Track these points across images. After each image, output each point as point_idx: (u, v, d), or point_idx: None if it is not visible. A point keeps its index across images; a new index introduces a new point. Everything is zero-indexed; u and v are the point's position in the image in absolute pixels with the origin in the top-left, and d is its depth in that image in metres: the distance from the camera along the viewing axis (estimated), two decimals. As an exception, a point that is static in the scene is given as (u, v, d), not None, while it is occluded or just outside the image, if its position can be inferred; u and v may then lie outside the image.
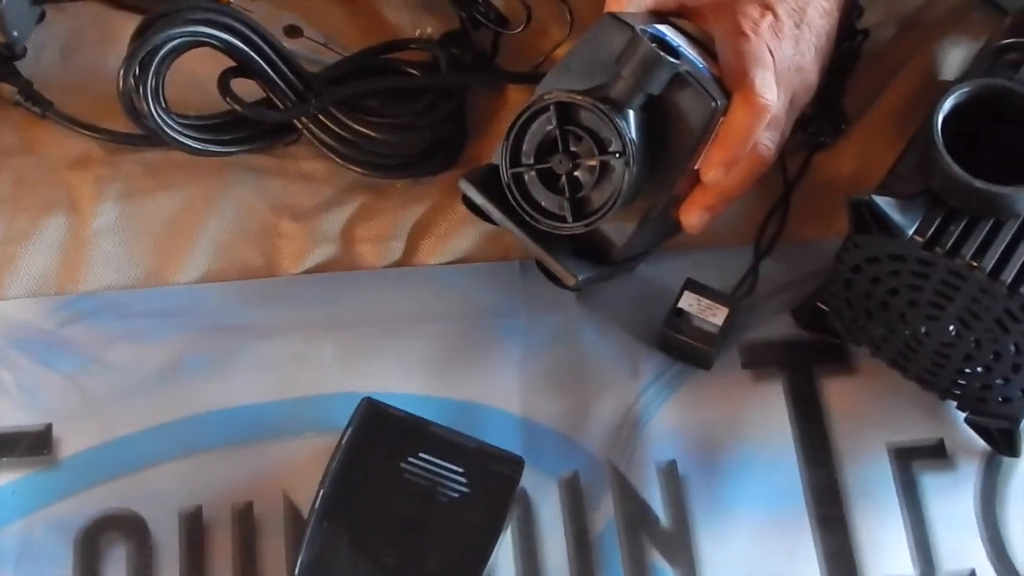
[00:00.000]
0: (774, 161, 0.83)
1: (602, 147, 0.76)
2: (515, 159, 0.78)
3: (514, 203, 0.78)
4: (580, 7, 0.92)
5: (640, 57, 0.75)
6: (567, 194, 0.77)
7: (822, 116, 0.89)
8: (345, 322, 0.85)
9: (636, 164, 0.76)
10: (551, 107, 0.76)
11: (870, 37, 0.92)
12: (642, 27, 0.77)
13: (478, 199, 0.80)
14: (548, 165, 0.77)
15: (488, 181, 0.79)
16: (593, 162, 0.76)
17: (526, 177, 0.78)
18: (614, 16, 0.79)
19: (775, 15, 0.80)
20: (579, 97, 0.75)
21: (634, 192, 0.77)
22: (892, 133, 0.88)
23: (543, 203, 0.78)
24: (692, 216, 0.82)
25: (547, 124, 0.76)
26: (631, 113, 0.76)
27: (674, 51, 0.77)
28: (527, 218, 0.78)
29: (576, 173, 0.77)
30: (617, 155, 0.75)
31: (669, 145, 0.78)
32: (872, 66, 0.92)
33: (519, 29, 0.91)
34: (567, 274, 0.80)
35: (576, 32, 0.91)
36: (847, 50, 0.90)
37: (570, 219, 0.77)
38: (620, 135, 0.75)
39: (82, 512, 0.80)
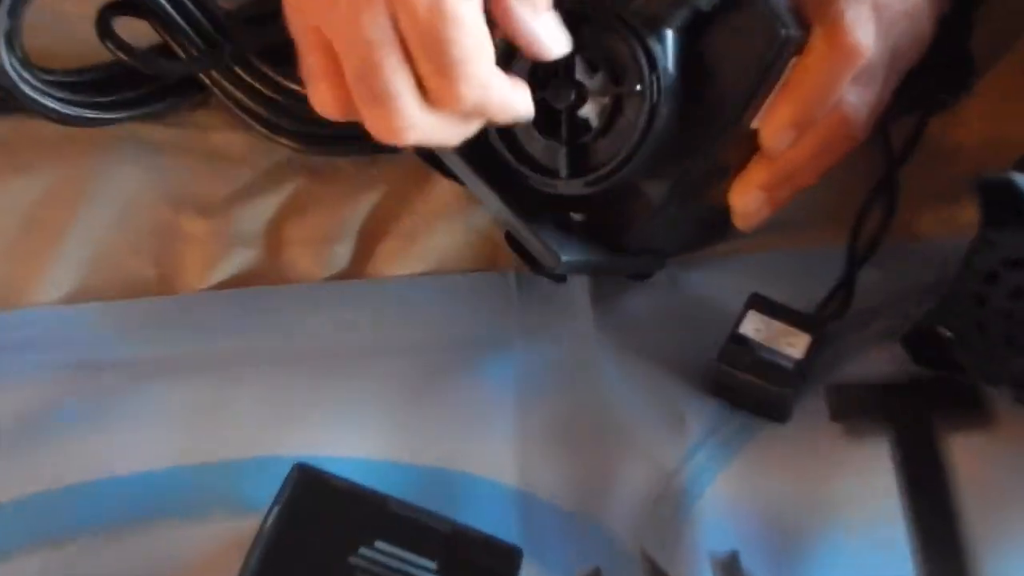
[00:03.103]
0: (865, 136, 0.73)
1: (621, 78, 0.68)
2: None
3: (495, 149, 0.70)
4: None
5: None
6: (564, 139, 0.69)
7: (940, 65, 0.77)
8: (271, 357, 0.77)
9: (667, 105, 0.67)
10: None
11: (1007, -44, 0.83)
12: None
13: None
14: (542, 96, 0.68)
15: None
16: (606, 97, 0.68)
17: None
18: None
19: None
20: (594, 5, 0.68)
21: (659, 148, 0.68)
22: (1037, 87, 0.80)
23: (531, 151, 0.70)
24: (745, 199, 0.74)
25: None
26: (669, 34, 0.67)
27: None
28: (505, 172, 0.70)
29: (582, 112, 0.69)
30: (639, 88, 0.67)
31: (715, 89, 0.69)
32: (1009, -4, 0.83)
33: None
34: (547, 253, 0.71)
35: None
36: (975, -26, 0.80)
37: (564, 173, 0.69)
38: (649, 62, 0.66)
39: None
